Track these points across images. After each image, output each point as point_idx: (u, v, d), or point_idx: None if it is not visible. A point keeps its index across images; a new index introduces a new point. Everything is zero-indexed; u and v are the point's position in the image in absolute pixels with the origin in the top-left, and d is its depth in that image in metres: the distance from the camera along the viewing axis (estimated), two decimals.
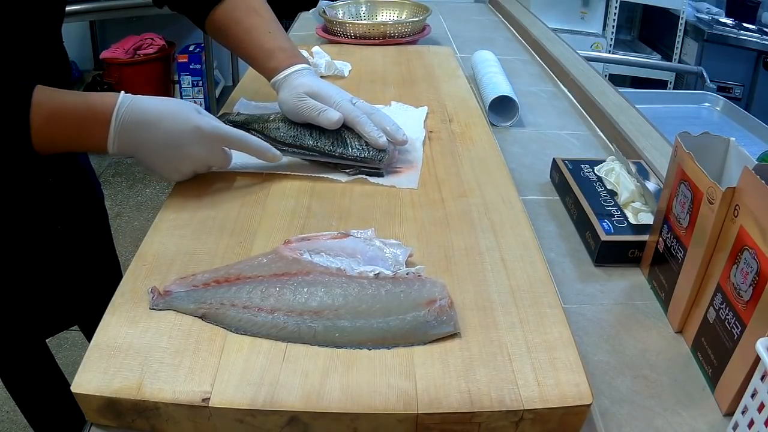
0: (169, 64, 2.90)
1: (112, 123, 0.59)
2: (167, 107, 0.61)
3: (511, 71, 1.20)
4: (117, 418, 0.48)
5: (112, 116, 0.59)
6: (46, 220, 0.87)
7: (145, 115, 0.59)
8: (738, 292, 0.49)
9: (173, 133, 0.60)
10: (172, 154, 0.61)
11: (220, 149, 0.65)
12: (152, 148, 0.61)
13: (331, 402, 0.46)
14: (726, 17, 2.62)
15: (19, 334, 0.96)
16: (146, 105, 0.60)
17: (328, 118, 0.74)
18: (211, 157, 0.64)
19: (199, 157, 0.63)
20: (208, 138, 0.62)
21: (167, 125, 0.60)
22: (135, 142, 0.60)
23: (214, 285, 0.56)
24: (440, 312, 0.52)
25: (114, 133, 0.59)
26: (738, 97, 2.49)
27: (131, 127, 0.59)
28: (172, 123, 0.60)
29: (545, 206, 0.81)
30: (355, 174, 0.77)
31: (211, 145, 0.63)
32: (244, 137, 0.66)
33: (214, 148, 0.64)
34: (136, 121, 0.59)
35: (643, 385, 0.54)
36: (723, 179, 0.62)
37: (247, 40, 0.81)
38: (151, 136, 0.60)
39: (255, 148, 0.68)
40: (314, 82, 0.78)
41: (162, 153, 0.61)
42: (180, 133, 0.60)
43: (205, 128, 0.61)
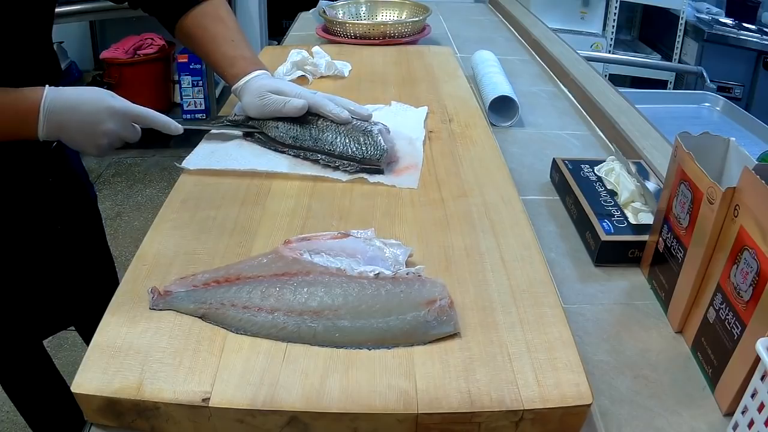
0: (169, 64, 2.89)
1: (41, 112, 0.66)
2: (85, 93, 0.69)
3: (511, 71, 1.20)
4: (117, 418, 0.48)
5: (40, 106, 0.66)
6: (46, 220, 0.87)
7: (67, 102, 0.68)
8: (738, 292, 0.49)
9: (91, 114, 0.69)
10: (92, 131, 0.69)
11: (129, 125, 0.72)
12: (75, 129, 0.69)
13: (331, 402, 0.46)
14: (726, 17, 2.62)
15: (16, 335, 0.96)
16: (68, 93, 0.68)
17: (294, 106, 0.80)
18: (123, 131, 0.71)
19: (114, 132, 0.70)
20: (119, 115, 0.70)
21: (86, 108, 0.68)
22: (60, 126, 0.68)
23: (214, 285, 0.56)
24: (440, 312, 0.52)
25: (43, 119, 0.67)
26: (738, 97, 2.49)
27: (57, 112, 0.67)
28: (90, 106, 0.69)
29: (545, 206, 0.81)
30: (355, 172, 0.77)
31: (122, 121, 0.71)
32: (149, 113, 0.73)
33: (125, 124, 0.71)
34: (60, 107, 0.67)
35: (643, 385, 0.54)
36: (723, 179, 0.62)
37: (211, 48, 0.86)
38: (74, 118, 0.68)
39: (158, 122, 0.74)
40: (274, 82, 0.83)
41: (83, 131, 0.69)
42: (97, 112, 0.69)
43: (117, 107, 0.70)
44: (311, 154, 0.79)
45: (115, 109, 0.70)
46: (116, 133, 0.71)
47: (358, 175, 0.77)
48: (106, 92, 0.70)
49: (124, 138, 0.73)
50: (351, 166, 0.77)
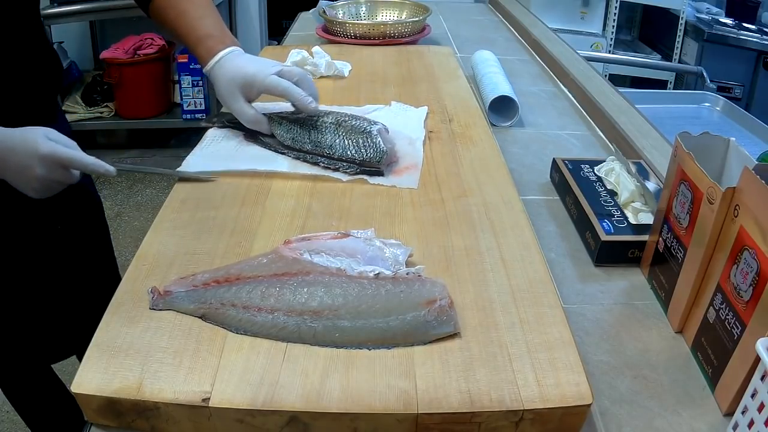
0: (169, 64, 2.89)
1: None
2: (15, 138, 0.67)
3: (511, 71, 1.20)
4: (117, 418, 0.48)
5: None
6: (46, 221, 0.86)
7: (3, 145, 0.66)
8: (738, 292, 0.49)
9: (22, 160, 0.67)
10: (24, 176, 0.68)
11: (59, 169, 0.69)
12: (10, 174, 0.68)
13: (331, 402, 0.46)
14: (726, 17, 2.62)
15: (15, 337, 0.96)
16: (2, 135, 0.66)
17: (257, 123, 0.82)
18: (52, 176, 0.69)
19: (43, 177, 0.68)
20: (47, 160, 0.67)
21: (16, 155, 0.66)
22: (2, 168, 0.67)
23: (214, 285, 0.56)
24: (440, 312, 0.52)
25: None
26: (738, 97, 2.49)
27: None
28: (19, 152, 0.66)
29: (545, 206, 0.81)
30: (355, 173, 0.77)
31: (49, 166, 0.68)
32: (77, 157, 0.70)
33: (53, 169, 0.68)
34: None
35: (643, 385, 0.54)
36: (723, 179, 0.62)
37: (180, 26, 0.83)
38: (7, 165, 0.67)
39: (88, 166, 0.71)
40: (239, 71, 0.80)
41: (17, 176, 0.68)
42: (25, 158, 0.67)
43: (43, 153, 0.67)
44: (311, 157, 0.79)
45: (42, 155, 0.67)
46: (48, 178, 0.68)
47: (357, 177, 0.77)
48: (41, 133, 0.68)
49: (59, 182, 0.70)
50: (351, 167, 0.77)
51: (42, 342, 0.94)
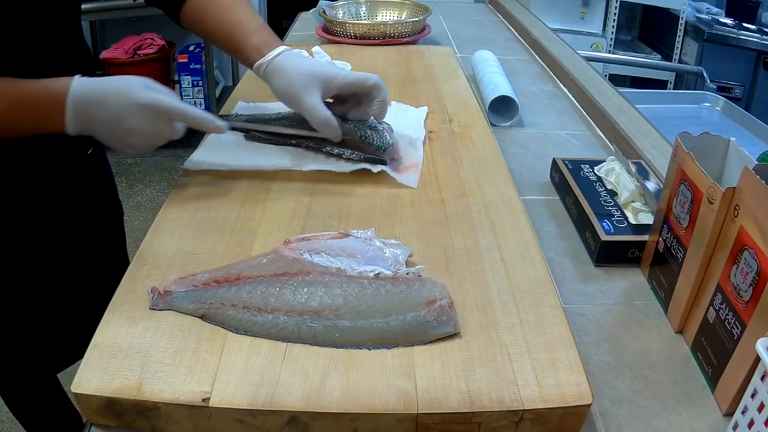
0: (169, 64, 2.89)
1: (67, 104, 0.61)
2: (113, 84, 0.63)
3: (511, 71, 1.20)
4: (117, 418, 0.48)
5: (67, 98, 0.61)
6: (46, 221, 0.86)
7: (93, 95, 0.62)
8: (738, 292, 0.49)
9: (116, 109, 0.62)
10: (118, 128, 0.63)
11: (163, 121, 0.65)
12: (102, 126, 0.63)
13: (331, 402, 0.46)
14: (726, 17, 2.62)
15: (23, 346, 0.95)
16: (95, 84, 0.62)
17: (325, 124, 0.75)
18: (156, 129, 0.65)
19: (144, 129, 0.64)
20: (148, 110, 0.63)
21: (112, 103, 0.62)
22: (88, 123, 0.63)
23: (214, 285, 0.56)
24: (440, 312, 0.52)
25: (69, 113, 0.61)
26: (738, 97, 2.49)
27: (82, 107, 0.62)
28: (116, 100, 0.62)
29: (545, 206, 0.81)
30: (358, 160, 0.77)
31: (151, 117, 0.64)
32: (184, 108, 0.66)
33: (156, 120, 0.64)
34: (86, 100, 0.61)
35: (643, 385, 0.54)
36: (723, 179, 0.62)
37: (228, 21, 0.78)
38: (100, 113, 0.62)
39: (198, 119, 0.67)
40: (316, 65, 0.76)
41: (110, 130, 0.63)
42: (122, 107, 0.62)
43: (145, 101, 0.63)
44: (315, 142, 0.79)
45: (142, 104, 0.62)
46: (147, 130, 0.63)
47: (361, 165, 0.76)
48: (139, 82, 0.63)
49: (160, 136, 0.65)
50: (355, 155, 0.77)
51: (50, 351, 0.93)
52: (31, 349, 0.90)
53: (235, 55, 0.81)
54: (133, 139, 0.64)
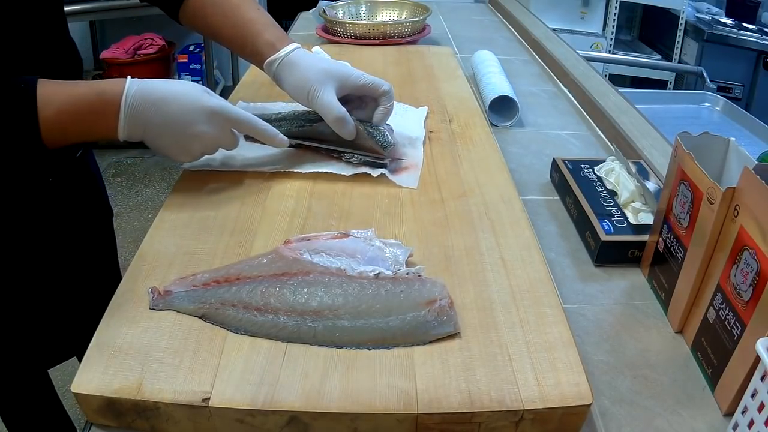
0: (169, 64, 2.90)
1: (122, 108, 0.59)
2: (175, 88, 0.61)
3: (511, 71, 1.20)
4: (117, 418, 0.48)
5: (122, 101, 0.59)
6: (46, 221, 0.86)
7: (154, 97, 0.60)
8: (738, 292, 0.49)
9: (182, 113, 0.60)
10: (181, 133, 0.61)
11: (228, 130, 0.64)
12: (161, 129, 0.61)
13: (331, 402, 0.46)
14: (726, 17, 2.62)
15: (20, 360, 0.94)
16: (154, 87, 0.60)
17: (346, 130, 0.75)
18: (219, 137, 0.64)
19: (208, 136, 0.63)
20: (217, 117, 0.62)
21: (176, 105, 0.60)
22: (144, 125, 0.60)
23: (214, 285, 0.56)
24: (440, 312, 0.52)
25: (124, 117, 0.59)
26: (738, 97, 2.49)
27: (140, 109, 0.59)
28: (181, 103, 0.60)
29: (545, 206, 0.81)
30: (358, 162, 0.77)
31: (219, 124, 0.63)
32: (252, 119, 0.65)
33: (222, 128, 0.63)
34: (144, 103, 0.59)
35: (643, 385, 0.54)
36: (723, 179, 0.62)
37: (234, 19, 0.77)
38: (161, 116, 0.60)
39: (263, 131, 0.67)
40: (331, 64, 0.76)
41: (171, 133, 0.61)
42: (188, 112, 0.60)
43: (214, 107, 0.62)
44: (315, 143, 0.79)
45: (212, 110, 0.61)
46: (211, 137, 0.62)
47: (361, 170, 0.76)
48: (200, 88, 0.62)
49: (221, 145, 0.65)
50: (355, 157, 0.77)
51: (41, 344, 0.93)
52: (21, 347, 0.90)
53: (242, 51, 0.80)
54: (195, 146, 0.63)
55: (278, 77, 0.77)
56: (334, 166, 0.77)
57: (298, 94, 0.76)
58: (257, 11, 0.79)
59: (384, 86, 0.77)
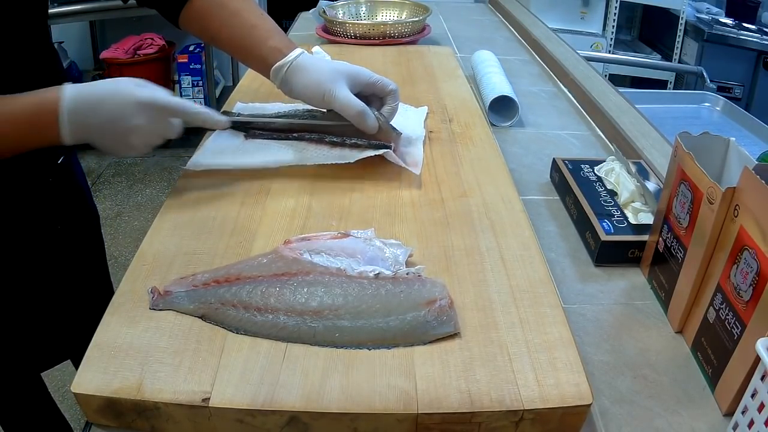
0: (169, 64, 2.90)
1: (60, 115, 0.60)
2: (108, 86, 0.62)
3: (511, 71, 1.20)
4: (117, 418, 0.48)
5: (59, 107, 0.60)
6: (46, 221, 0.86)
7: (88, 100, 0.61)
8: (738, 292, 0.49)
9: (115, 109, 0.61)
10: (118, 130, 0.63)
11: (163, 119, 0.65)
12: (100, 129, 0.62)
13: (331, 402, 0.46)
14: (726, 17, 2.62)
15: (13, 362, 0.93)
16: (88, 89, 0.61)
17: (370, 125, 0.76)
18: (155, 127, 0.64)
19: (144, 127, 0.63)
20: (148, 108, 0.63)
21: (109, 104, 0.61)
22: (84, 128, 0.62)
23: (214, 285, 0.56)
24: (440, 312, 0.52)
25: (65, 123, 0.60)
26: (738, 97, 2.49)
27: (78, 114, 0.61)
28: (113, 100, 0.62)
29: (545, 206, 0.81)
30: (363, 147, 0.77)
31: (152, 115, 0.63)
32: (185, 105, 0.65)
33: (156, 118, 0.64)
34: (81, 106, 0.61)
35: (643, 385, 0.54)
36: (723, 179, 0.62)
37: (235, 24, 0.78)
38: (97, 117, 0.61)
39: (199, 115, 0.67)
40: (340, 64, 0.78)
41: (110, 131, 0.63)
42: (120, 107, 0.61)
43: (143, 99, 0.62)
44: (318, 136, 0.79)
45: (142, 102, 0.62)
46: (147, 128, 0.63)
47: (366, 153, 0.76)
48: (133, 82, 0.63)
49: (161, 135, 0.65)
50: (361, 141, 0.77)
51: (35, 348, 0.93)
52: (14, 351, 0.90)
53: (245, 58, 0.80)
54: (133, 139, 0.64)
55: (287, 82, 0.78)
56: (338, 155, 0.76)
57: (312, 96, 0.76)
58: (260, 17, 0.80)
59: (392, 85, 0.79)
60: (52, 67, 0.80)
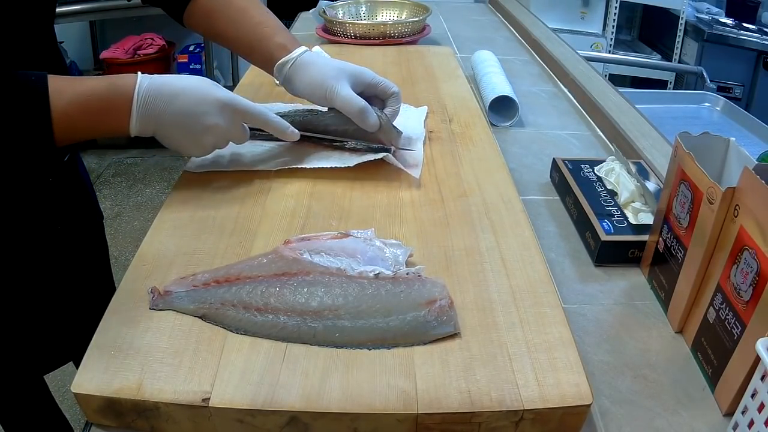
0: (169, 64, 2.90)
1: (134, 102, 0.59)
2: (186, 82, 0.62)
3: (511, 71, 1.20)
4: (117, 418, 0.48)
5: (134, 95, 0.59)
6: (46, 220, 0.86)
7: (165, 91, 0.60)
8: (738, 292, 0.49)
9: (193, 105, 0.61)
10: (193, 126, 0.62)
11: (239, 122, 0.65)
12: (173, 123, 0.61)
13: (331, 402, 0.46)
14: (726, 17, 2.62)
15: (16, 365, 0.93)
16: (165, 81, 0.61)
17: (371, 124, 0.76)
18: (230, 129, 0.64)
19: (219, 128, 0.63)
20: (227, 109, 0.63)
21: (187, 98, 0.61)
22: (156, 119, 0.61)
23: (214, 285, 0.56)
24: (440, 312, 0.52)
25: (137, 111, 0.60)
26: (738, 97, 2.49)
27: (152, 104, 0.60)
28: (192, 96, 0.61)
29: (545, 206, 0.81)
30: (364, 151, 0.77)
31: (230, 116, 0.63)
32: (263, 111, 0.66)
33: (233, 120, 0.64)
34: (156, 97, 0.60)
35: (643, 385, 0.54)
36: (723, 179, 0.62)
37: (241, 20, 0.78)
38: (172, 110, 0.61)
39: (273, 123, 0.68)
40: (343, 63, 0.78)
41: (183, 126, 0.62)
42: (199, 104, 0.61)
43: (225, 99, 0.62)
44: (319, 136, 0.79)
45: (224, 102, 0.62)
46: (222, 130, 0.63)
47: (365, 158, 0.76)
48: (210, 82, 0.63)
49: (232, 138, 0.65)
50: (360, 144, 0.78)
51: (37, 350, 0.93)
52: (17, 353, 0.90)
53: (250, 55, 0.81)
54: (207, 139, 0.64)
55: (290, 79, 0.78)
56: (337, 159, 0.77)
57: (315, 93, 0.77)
58: (266, 15, 0.80)
59: (394, 88, 0.80)
60: (58, 69, 0.80)
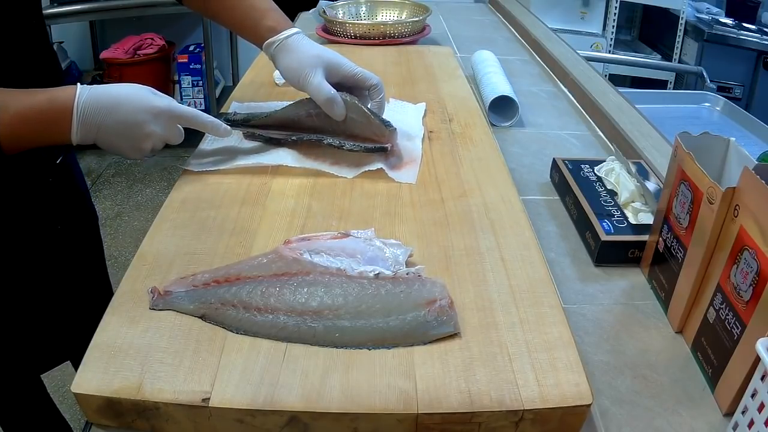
0: (169, 64, 2.89)
1: (74, 113, 0.62)
2: (124, 91, 0.65)
3: (511, 71, 1.20)
4: (117, 418, 0.48)
5: (74, 106, 0.62)
6: (46, 220, 0.86)
7: (105, 101, 0.63)
8: (738, 292, 0.49)
9: (132, 114, 0.64)
10: (133, 134, 0.65)
11: (174, 126, 0.68)
12: (114, 131, 0.64)
13: (331, 402, 0.46)
14: (726, 17, 2.62)
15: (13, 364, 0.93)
16: (104, 91, 0.64)
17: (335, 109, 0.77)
18: (167, 133, 0.68)
19: (157, 134, 0.67)
20: (164, 115, 0.66)
21: (126, 108, 0.64)
22: (98, 129, 0.64)
23: (214, 285, 0.56)
24: (440, 312, 0.52)
25: (77, 122, 0.62)
26: (738, 97, 2.49)
27: (92, 114, 0.63)
28: (131, 105, 0.64)
29: (545, 206, 0.81)
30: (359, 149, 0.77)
31: (166, 122, 0.67)
32: (196, 114, 0.70)
33: (169, 125, 0.68)
34: (96, 108, 0.63)
35: (643, 385, 0.54)
36: (723, 179, 0.62)
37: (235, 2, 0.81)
38: (113, 120, 0.64)
39: (206, 123, 0.71)
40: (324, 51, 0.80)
41: (123, 134, 0.65)
42: (138, 113, 0.64)
43: (161, 107, 0.66)
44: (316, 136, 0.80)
45: (159, 109, 0.65)
46: (159, 135, 0.67)
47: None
48: (147, 89, 0.66)
49: (168, 141, 0.69)
50: (356, 145, 0.78)
51: (34, 349, 0.93)
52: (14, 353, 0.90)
53: (244, 33, 0.84)
54: (146, 144, 0.67)
55: (275, 59, 0.82)
56: (336, 167, 0.77)
57: (291, 77, 0.80)
58: None
59: (373, 80, 0.81)
60: (51, 68, 0.81)
